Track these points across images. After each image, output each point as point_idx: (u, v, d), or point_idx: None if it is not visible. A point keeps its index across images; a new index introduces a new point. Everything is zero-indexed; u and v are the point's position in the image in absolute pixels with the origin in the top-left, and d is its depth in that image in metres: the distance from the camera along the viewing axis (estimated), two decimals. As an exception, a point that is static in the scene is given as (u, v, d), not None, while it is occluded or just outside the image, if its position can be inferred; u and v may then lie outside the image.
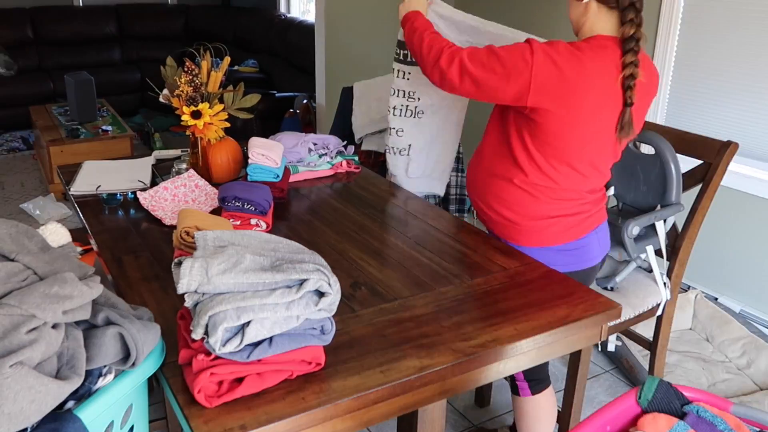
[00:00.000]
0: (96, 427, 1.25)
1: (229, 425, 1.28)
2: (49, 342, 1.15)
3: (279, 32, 6.82)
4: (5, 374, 1.07)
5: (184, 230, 1.82)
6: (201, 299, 1.34)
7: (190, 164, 2.54)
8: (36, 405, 1.10)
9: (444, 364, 1.50)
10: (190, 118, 2.37)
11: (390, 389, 1.43)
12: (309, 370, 1.43)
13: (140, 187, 2.42)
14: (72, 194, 2.42)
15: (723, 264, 3.46)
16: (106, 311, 1.32)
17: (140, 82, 7.41)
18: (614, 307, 1.74)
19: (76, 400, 1.23)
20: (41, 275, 1.26)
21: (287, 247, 1.46)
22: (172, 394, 1.38)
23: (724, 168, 2.42)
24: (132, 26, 7.75)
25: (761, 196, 3.23)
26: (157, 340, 1.37)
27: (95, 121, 5.50)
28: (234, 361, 1.34)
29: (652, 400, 1.40)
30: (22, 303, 1.15)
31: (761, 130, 3.21)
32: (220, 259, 1.34)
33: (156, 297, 1.75)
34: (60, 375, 1.18)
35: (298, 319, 1.36)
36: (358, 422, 1.44)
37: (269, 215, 2.18)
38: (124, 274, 1.87)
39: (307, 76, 6.07)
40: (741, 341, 3.18)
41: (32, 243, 1.37)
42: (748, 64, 3.21)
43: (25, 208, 4.83)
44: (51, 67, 7.24)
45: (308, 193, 2.51)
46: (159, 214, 2.22)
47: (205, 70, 2.41)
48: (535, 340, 1.63)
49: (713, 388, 3.00)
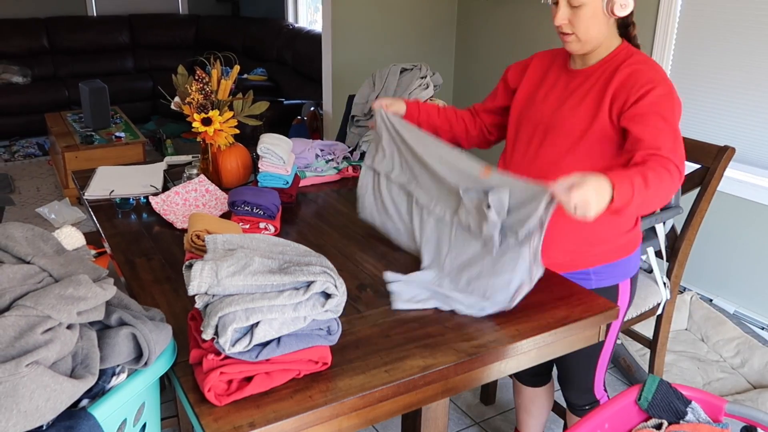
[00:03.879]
0: (109, 425, 1.25)
1: (238, 423, 1.28)
2: (64, 342, 1.16)
3: (287, 42, 6.83)
4: (22, 373, 1.07)
5: (194, 234, 1.82)
6: (211, 301, 1.34)
7: (201, 170, 2.54)
8: (51, 403, 1.10)
9: (447, 364, 1.50)
10: (200, 125, 2.37)
11: (394, 388, 1.43)
12: (316, 369, 1.43)
13: (152, 192, 2.42)
14: (86, 199, 2.42)
15: (718, 266, 3.45)
16: (119, 312, 1.32)
17: (152, 90, 7.42)
18: (612, 308, 1.74)
19: (90, 399, 1.23)
20: (56, 277, 1.26)
21: (295, 250, 1.46)
22: (183, 392, 1.38)
23: (722, 172, 2.41)
24: (144, 36, 7.77)
25: (755, 200, 3.22)
26: (168, 341, 1.37)
27: (109, 127, 5.51)
28: (243, 360, 1.34)
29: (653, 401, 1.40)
30: (37, 304, 1.15)
31: (756, 137, 3.20)
32: (229, 261, 1.34)
33: (167, 298, 1.75)
34: (74, 374, 1.18)
35: (305, 320, 1.36)
36: (364, 420, 1.43)
37: (277, 219, 2.18)
38: (137, 276, 1.87)
39: (314, 84, 6.07)
40: (735, 341, 3.17)
41: (48, 246, 1.37)
42: (745, 71, 3.20)
43: (41, 212, 4.84)
44: (66, 75, 7.26)
45: (315, 197, 2.51)
46: (170, 218, 2.22)
47: (215, 78, 2.42)
48: (535, 340, 1.62)
49: (708, 387, 2.99)
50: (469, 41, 4.83)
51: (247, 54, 7.41)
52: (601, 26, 1.82)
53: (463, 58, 4.94)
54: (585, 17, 1.80)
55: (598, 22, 1.81)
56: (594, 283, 1.94)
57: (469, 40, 4.84)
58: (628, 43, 1.90)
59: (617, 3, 1.77)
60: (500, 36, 4.55)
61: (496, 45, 4.60)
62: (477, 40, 4.76)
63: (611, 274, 1.97)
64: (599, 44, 1.86)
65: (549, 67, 2.03)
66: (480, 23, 4.72)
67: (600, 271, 1.95)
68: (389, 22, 4.67)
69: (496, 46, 4.60)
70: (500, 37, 4.56)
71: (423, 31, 4.81)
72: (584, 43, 1.84)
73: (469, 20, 4.81)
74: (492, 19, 4.59)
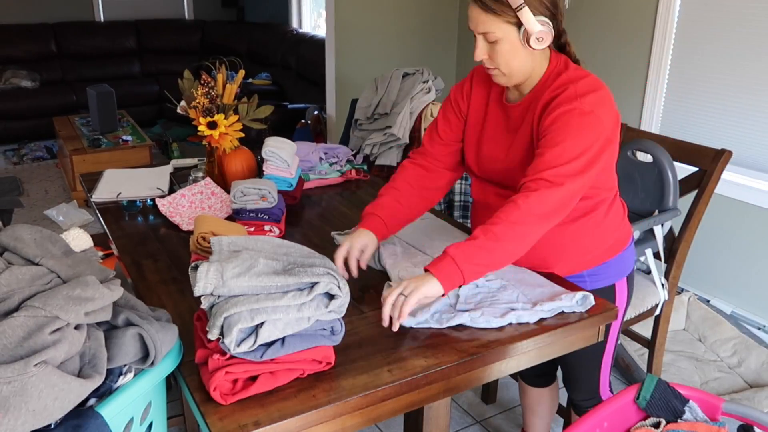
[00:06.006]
0: (116, 424, 1.25)
1: (243, 421, 1.28)
2: (72, 342, 1.16)
3: (291, 46, 6.84)
4: (30, 373, 1.07)
5: (200, 236, 1.82)
6: (217, 301, 1.34)
7: (207, 172, 2.54)
8: (59, 402, 1.10)
9: (448, 363, 1.49)
10: (206, 128, 2.37)
11: (397, 387, 1.43)
12: (320, 368, 1.43)
13: (159, 194, 2.42)
14: (94, 201, 2.42)
15: (715, 268, 3.44)
16: (126, 313, 1.32)
17: (159, 94, 7.43)
18: (611, 308, 1.74)
19: (97, 398, 1.23)
20: (64, 278, 1.27)
21: (299, 251, 1.46)
22: (189, 392, 1.38)
23: (719, 175, 2.41)
24: (151, 41, 7.78)
25: (752, 203, 3.22)
26: (174, 341, 1.37)
27: (116, 131, 5.52)
28: (248, 360, 1.34)
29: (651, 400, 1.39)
30: (46, 305, 1.15)
31: (752, 140, 3.20)
32: (234, 263, 1.34)
33: (174, 299, 1.75)
34: (82, 374, 1.18)
35: (309, 321, 1.36)
36: (367, 419, 1.43)
37: (282, 221, 2.18)
38: (143, 277, 1.87)
39: (318, 88, 6.08)
40: (732, 341, 3.16)
41: (56, 248, 1.37)
42: (742, 74, 3.20)
43: (49, 214, 4.82)
44: (73, 79, 7.28)
45: (319, 200, 2.51)
46: (176, 220, 2.22)
47: (220, 82, 2.42)
48: (536, 340, 1.62)
49: (705, 386, 2.99)
50: (471, 46, 4.83)
51: (252, 59, 7.41)
52: (523, 59, 1.68)
53: (464, 62, 4.94)
54: (503, 51, 1.66)
55: (519, 55, 1.67)
56: (589, 285, 1.89)
57: (470, 46, 4.84)
58: (558, 61, 1.74)
59: (533, 37, 1.62)
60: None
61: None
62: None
63: (606, 275, 1.92)
64: (528, 74, 1.73)
65: (487, 97, 1.88)
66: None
67: (593, 273, 1.90)
68: (392, 28, 4.67)
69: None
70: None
71: (425, 36, 4.81)
72: (509, 76, 1.72)
73: (465, 26, 4.81)
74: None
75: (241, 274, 1.33)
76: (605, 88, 1.69)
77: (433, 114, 3.22)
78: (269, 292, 1.34)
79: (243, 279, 1.32)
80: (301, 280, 1.34)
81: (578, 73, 1.71)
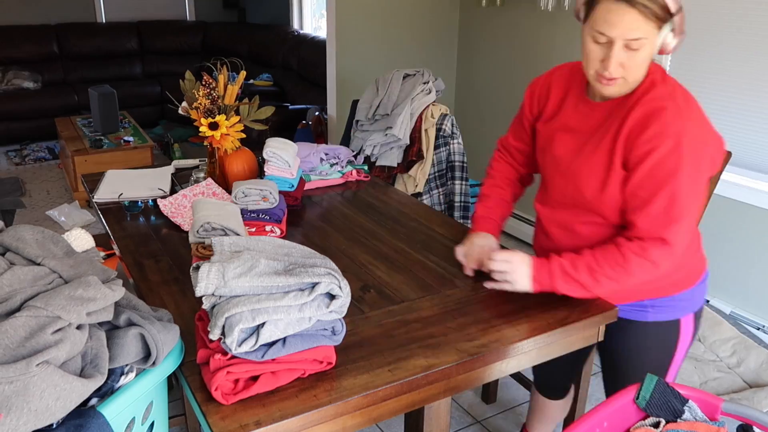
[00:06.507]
0: (118, 424, 1.25)
1: (244, 421, 1.28)
2: (73, 342, 1.16)
3: (292, 48, 6.84)
4: (32, 373, 1.07)
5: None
6: (218, 302, 1.34)
7: (208, 173, 2.54)
8: (61, 402, 1.10)
9: (449, 363, 1.50)
10: (207, 129, 2.37)
11: (398, 387, 1.43)
12: (321, 368, 1.43)
13: (160, 195, 2.42)
14: (95, 201, 2.42)
15: (715, 269, 3.44)
16: (127, 313, 1.32)
17: (160, 95, 7.44)
18: (611, 309, 1.74)
19: (99, 398, 1.23)
20: (66, 279, 1.27)
21: (300, 252, 1.46)
22: (190, 391, 1.38)
23: (719, 175, 2.41)
24: (152, 42, 7.78)
25: (752, 203, 3.22)
26: (176, 341, 1.37)
27: (117, 132, 5.52)
28: (249, 360, 1.34)
29: (651, 400, 1.39)
30: (48, 305, 1.15)
31: (752, 140, 3.20)
32: (236, 263, 1.34)
33: (175, 299, 1.75)
34: (84, 373, 1.18)
35: (310, 321, 1.36)
36: (367, 419, 1.43)
37: (283, 222, 2.18)
38: (145, 277, 1.87)
39: (319, 89, 6.08)
40: (731, 341, 3.16)
41: (58, 248, 1.37)
42: (741, 75, 3.20)
43: (51, 214, 4.85)
44: (75, 80, 7.28)
45: (320, 200, 2.51)
46: (178, 221, 2.22)
47: (222, 83, 2.42)
48: (536, 340, 1.62)
49: (705, 386, 2.98)
50: (471, 47, 4.83)
51: (253, 60, 7.42)
52: (647, 66, 1.58)
53: (464, 63, 4.94)
54: (640, 59, 1.53)
55: (648, 62, 1.57)
56: (651, 316, 1.79)
57: (470, 47, 4.84)
58: (656, 69, 1.62)
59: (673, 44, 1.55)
60: (501, 42, 4.55)
61: (497, 51, 4.60)
62: (479, 46, 4.76)
63: (671, 308, 1.79)
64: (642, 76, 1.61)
65: (567, 90, 1.79)
66: (482, 30, 4.72)
67: (658, 303, 1.78)
68: (392, 29, 4.67)
69: (498, 52, 4.60)
70: (501, 44, 4.56)
71: (425, 38, 4.82)
72: (630, 85, 1.59)
73: (470, 27, 4.81)
74: (493, 26, 4.59)
75: (243, 275, 1.33)
76: (701, 111, 1.60)
77: (433, 115, 3.21)
78: (270, 292, 1.34)
79: (244, 279, 1.32)
80: (302, 281, 1.34)
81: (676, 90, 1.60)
